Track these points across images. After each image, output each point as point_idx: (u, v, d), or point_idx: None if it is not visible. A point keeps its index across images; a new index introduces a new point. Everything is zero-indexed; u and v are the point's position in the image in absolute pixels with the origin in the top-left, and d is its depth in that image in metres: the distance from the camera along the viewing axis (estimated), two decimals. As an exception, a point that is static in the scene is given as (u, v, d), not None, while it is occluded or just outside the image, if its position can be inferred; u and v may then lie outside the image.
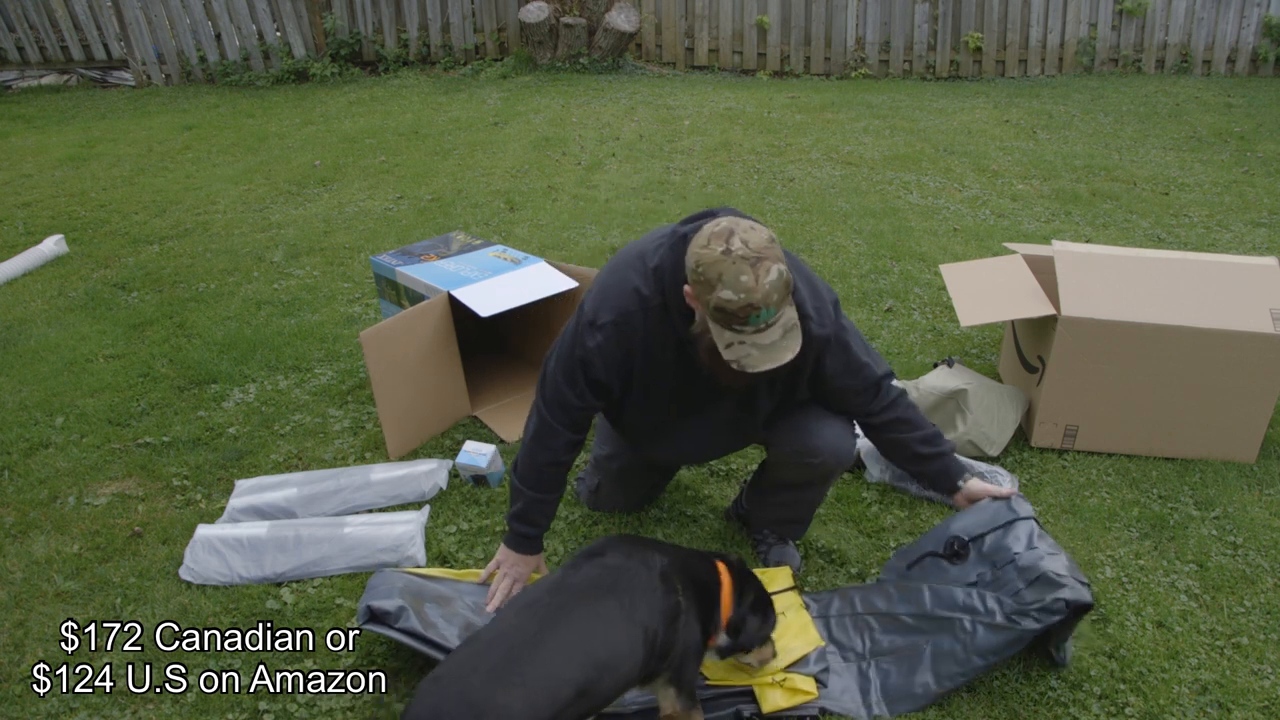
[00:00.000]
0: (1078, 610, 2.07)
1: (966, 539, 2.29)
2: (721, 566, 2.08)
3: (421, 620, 2.09)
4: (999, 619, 2.11)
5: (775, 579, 2.39)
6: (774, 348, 1.92)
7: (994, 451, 2.94)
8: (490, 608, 2.24)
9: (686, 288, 1.98)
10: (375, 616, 2.09)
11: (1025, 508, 2.27)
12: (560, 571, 1.96)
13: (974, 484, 2.36)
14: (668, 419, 2.34)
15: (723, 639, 2.03)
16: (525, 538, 2.29)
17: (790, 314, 1.95)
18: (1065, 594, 2.05)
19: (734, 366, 1.94)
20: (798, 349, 1.95)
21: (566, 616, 1.79)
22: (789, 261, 2.04)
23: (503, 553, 2.32)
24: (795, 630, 2.25)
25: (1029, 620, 2.07)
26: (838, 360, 2.20)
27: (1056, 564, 2.12)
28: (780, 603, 2.22)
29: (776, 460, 2.44)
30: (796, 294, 2.08)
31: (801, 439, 2.31)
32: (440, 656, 2.03)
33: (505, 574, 2.30)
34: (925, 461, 2.34)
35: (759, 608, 2.07)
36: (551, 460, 2.25)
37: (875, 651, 2.23)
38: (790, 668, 2.16)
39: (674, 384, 2.21)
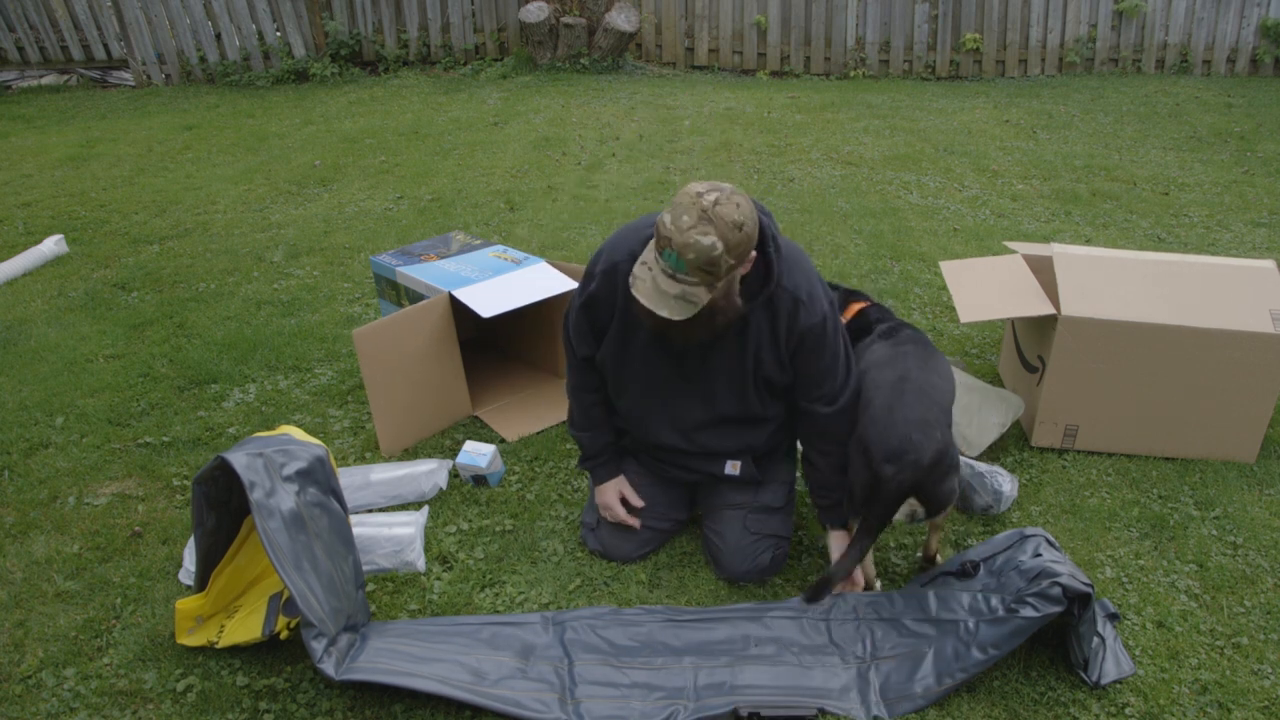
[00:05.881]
0: (1077, 601, 2.07)
1: (978, 559, 2.32)
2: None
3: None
4: (1001, 613, 2.13)
5: None
6: (661, 295, 2.03)
7: (972, 453, 2.92)
8: (624, 519, 2.57)
9: None
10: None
11: (1035, 530, 2.32)
12: (887, 344, 2.48)
13: (836, 534, 2.45)
14: (655, 374, 2.41)
15: None
16: (601, 469, 2.60)
17: (699, 294, 2.02)
18: (1062, 579, 2.07)
19: (629, 279, 2.09)
20: (676, 319, 2.04)
21: (927, 356, 2.43)
22: (798, 258, 2.23)
23: (596, 492, 2.61)
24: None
25: (1027, 609, 2.08)
26: (812, 356, 2.32)
27: (1058, 565, 2.14)
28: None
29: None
30: (792, 279, 2.21)
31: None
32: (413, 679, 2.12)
33: (605, 504, 2.57)
34: (811, 468, 2.48)
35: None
36: (595, 400, 2.55)
37: (876, 655, 2.23)
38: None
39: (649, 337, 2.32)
